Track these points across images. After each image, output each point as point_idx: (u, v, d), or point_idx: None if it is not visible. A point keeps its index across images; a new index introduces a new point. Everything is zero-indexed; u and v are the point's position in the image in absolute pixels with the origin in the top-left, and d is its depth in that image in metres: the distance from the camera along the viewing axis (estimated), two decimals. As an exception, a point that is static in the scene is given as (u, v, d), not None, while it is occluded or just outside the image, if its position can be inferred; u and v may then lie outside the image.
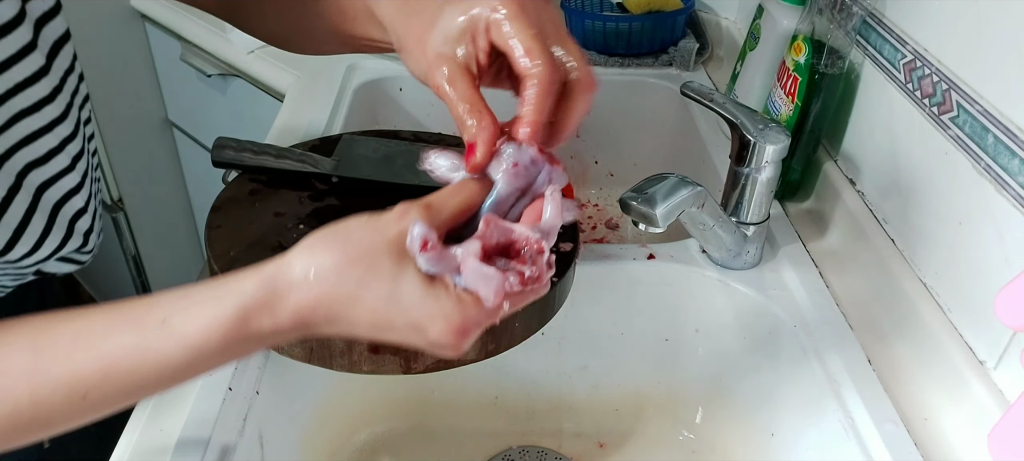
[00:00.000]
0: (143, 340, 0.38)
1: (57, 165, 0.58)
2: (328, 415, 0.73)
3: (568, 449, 0.78)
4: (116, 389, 0.38)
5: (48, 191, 0.58)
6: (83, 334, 0.39)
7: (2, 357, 0.38)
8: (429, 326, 0.37)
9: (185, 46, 1.27)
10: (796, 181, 0.80)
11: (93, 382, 0.38)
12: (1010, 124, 0.54)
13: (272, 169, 0.69)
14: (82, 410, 0.39)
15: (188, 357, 0.38)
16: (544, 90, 0.41)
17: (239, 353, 0.39)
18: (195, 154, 1.48)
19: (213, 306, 0.38)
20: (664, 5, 1.06)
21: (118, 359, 0.38)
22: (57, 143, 0.57)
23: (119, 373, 0.38)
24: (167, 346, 0.38)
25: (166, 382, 0.39)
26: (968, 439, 0.56)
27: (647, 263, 0.72)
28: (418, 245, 0.37)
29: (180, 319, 0.38)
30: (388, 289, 0.37)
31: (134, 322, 0.38)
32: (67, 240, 0.61)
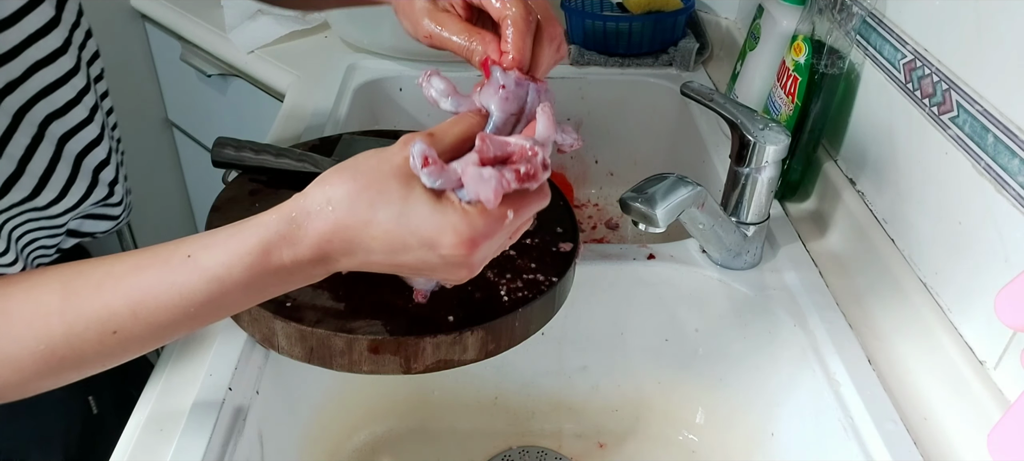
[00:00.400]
0: (169, 275, 0.39)
1: (76, 116, 0.59)
2: (328, 415, 0.73)
3: (568, 449, 0.78)
4: (144, 325, 0.40)
5: (70, 142, 0.59)
6: (112, 274, 0.40)
7: (35, 297, 0.40)
8: (440, 239, 0.38)
9: (185, 46, 1.27)
10: (796, 181, 0.80)
11: (123, 318, 0.40)
12: (1010, 124, 0.54)
13: (272, 169, 0.69)
14: (113, 347, 0.40)
15: (212, 290, 0.39)
16: (520, 29, 0.44)
17: (262, 289, 0.40)
18: (195, 154, 1.48)
19: (236, 241, 0.39)
20: (664, 5, 1.06)
21: (145, 294, 0.39)
22: (74, 94, 0.58)
23: (147, 309, 0.40)
24: (192, 279, 0.39)
25: (192, 317, 0.40)
26: (968, 439, 0.56)
27: (647, 263, 0.72)
28: (420, 162, 0.38)
29: (205, 254, 0.39)
30: (398, 209, 0.38)
31: (161, 260, 0.40)
32: (92, 189, 0.62)
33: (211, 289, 0.39)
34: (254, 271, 0.39)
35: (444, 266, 0.40)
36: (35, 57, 0.54)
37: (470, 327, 0.55)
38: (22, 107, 0.54)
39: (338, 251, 0.40)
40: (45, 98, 0.56)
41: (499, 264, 0.61)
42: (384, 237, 0.39)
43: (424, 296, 0.57)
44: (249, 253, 0.39)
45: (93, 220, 0.67)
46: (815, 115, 0.75)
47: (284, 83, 1.04)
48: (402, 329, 0.54)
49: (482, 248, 0.40)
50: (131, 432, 0.56)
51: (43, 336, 0.40)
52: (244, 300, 0.41)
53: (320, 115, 0.94)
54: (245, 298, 0.41)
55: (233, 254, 0.39)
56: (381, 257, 0.40)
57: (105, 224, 0.68)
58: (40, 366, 0.40)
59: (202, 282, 0.39)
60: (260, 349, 0.61)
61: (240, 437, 0.56)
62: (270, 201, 0.65)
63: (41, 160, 0.56)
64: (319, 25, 1.15)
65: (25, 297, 0.41)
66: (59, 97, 0.57)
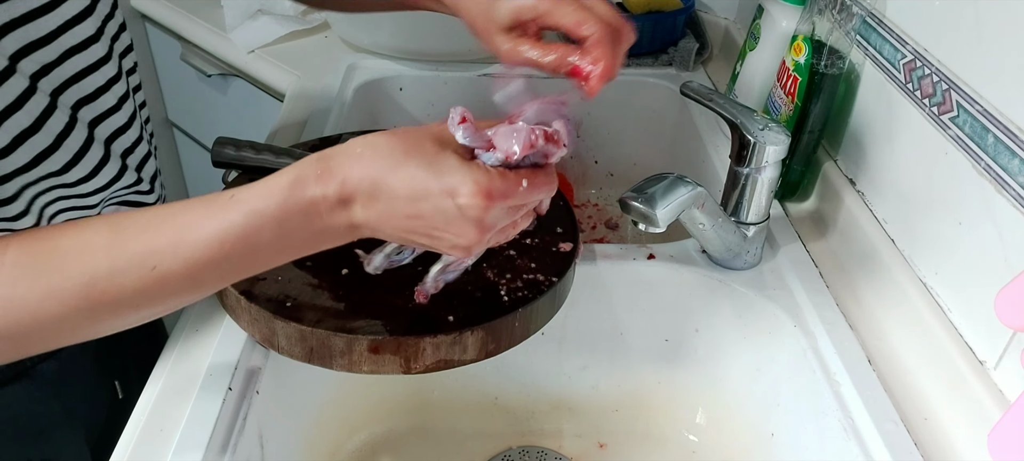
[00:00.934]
0: (211, 210, 0.43)
1: (106, 102, 0.62)
2: (328, 415, 0.73)
3: (568, 449, 0.78)
4: (182, 262, 0.42)
5: (100, 126, 0.62)
6: (159, 215, 0.43)
7: (84, 235, 0.43)
8: (460, 188, 0.42)
9: (185, 46, 1.27)
10: (796, 181, 0.80)
11: (164, 254, 0.42)
12: (1010, 124, 0.54)
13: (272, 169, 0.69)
14: (151, 285, 0.43)
15: (248, 223, 0.42)
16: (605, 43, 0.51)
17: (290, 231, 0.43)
18: (195, 154, 1.48)
19: (274, 178, 0.43)
20: (664, 5, 1.06)
21: (186, 230, 0.42)
22: (104, 82, 0.61)
23: (187, 244, 0.42)
24: (231, 214, 0.42)
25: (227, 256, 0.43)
26: (968, 439, 0.56)
27: (647, 263, 0.72)
28: (458, 118, 0.43)
29: (245, 192, 0.43)
30: (428, 160, 0.42)
31: (207, 200, 0.43)
32: (122, 173, 0.64)
33: (247, 222, 0.42)
34: (286, 205, 0.42)
35: (459, 218, 0.43)
36: (69, 43, 0.57)
37: (470, 327, 0.55)
38: (57, 89, 0.57)
39: (364, 193, 0.43)
40: (77, 83, 0.59)
41: (499, 264, 0.61)
42: (409, 181, 0.42)
43: (424, 296, 0.57)
44: (282, 188, 0.42)
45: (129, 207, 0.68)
46: (815, 115, 0.75)
47: (284, 83, 1.04)
48: (402, 329, 0.54)
49: (495, 208, 0.43)
50: (132, 431, 0.56)
51: (88, 269, 0.42)
52: (275, 243, 0.43)
53: (320, 115, 0.94)
54: (276, 240, 0.43)
55: (269, 188, 0.43)
56: (402, 204, 0.43)
57: None
58: (81, 301, 0.42)
59: (239, 215, 0.42)
60: (260, 349, 0.62)
61: (240, 437, 0.56)
62: (270, 201, 0.66)
63: (75, 141, 0.59)
64: (319, 25, 1.15)
65: (75, 235, 0.43)
66: (89, 83, 0.60)
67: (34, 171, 0.56)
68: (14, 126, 0.53)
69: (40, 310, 0.43)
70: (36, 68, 0.55)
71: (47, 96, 0.56)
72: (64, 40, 0.57)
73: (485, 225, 0.44)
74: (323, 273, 0.58)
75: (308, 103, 0.97)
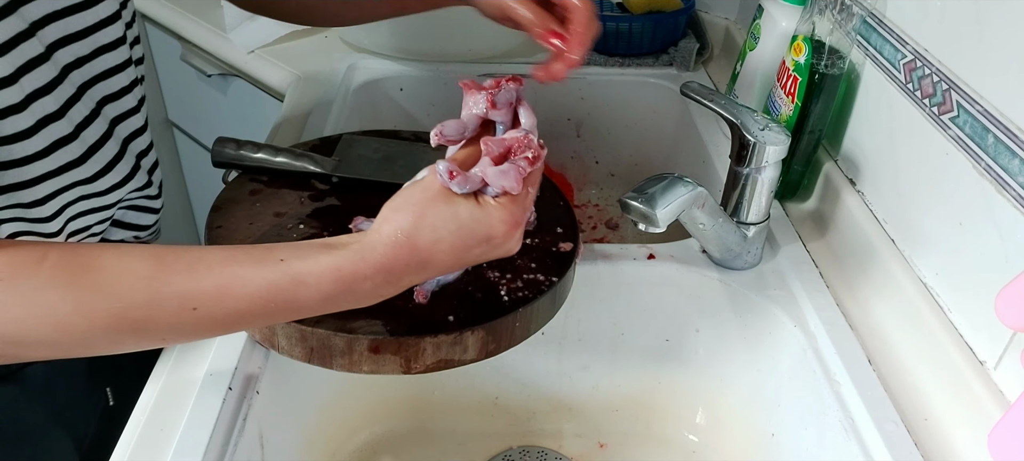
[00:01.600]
0: (261, 270, 0.44)
1: (127, 103, 0.64)
2: (328, 415, 0.73)
3: (568, 449, 0.78)
4: (224, 310, 0.44)
5: (120, 125, 0.64)
6: (204, 260, 0.44)
7: (126, 261, 0.43)
8: (493, 232, 0.47)
9: (185, 46, 1.27)
10: (796, 181, 0.80)
11: (207, 298, 0.43)
12: (1010, 124, 0.54)
13: (272, 169, 0.69)
14: (187, 323, 0.44)
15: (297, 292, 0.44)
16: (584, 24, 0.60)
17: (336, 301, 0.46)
18: (195, 154, 1.48)
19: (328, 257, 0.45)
20: (664, 5, 1.06)
21: (235, 281, 0.44)
22: (128, 83, 0.64)
23: (233, 296, 0.44)
24: (282, 280, 0.44)
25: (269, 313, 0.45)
26: (968, 439, 0.56)
27: (647, 263, 0.72)
28: (447, 176, 0.47)
29: (298, 262, 0.45)
30: (454, 224, 0.46)
31: (254, 259, 0.45)
32: (135, 173, 0.66)
33: (296, 292, 0.44)
34: (338, 286, 0.45)
35: (501, 250, 0.49)
36: (102, 41, 0.60)
37: (470, 327, 0.55)
38: (85, 83, 0.59)
39: (414, 268, 0.47)
40: (104, 80, 0.61)
41: (499, 264, 0.61)
42: (450, 250, 0.47)
43: (424, 296, 0.57)
44: (337, 271, 0.45)
45: (136, 212, 0.70)
46: (815, 115, 0.75)
47: (284, 83, 1.04)
48: (402, 329, 0.54)
49: (522, 226, 0.49)
50: (131, 432, 0.56)
51: (125, 295, 0.42)
52: (317, 307, 0.46)
53: (320, 115, 0.94)
54: (319, 306, 0.46)
55: (325, 266, 0.45)
56: (448, 261, 0.47)
57: (148, 217, 0.71)
58: (110, 323, 0.43)
59: (290, 283, 0.44)
60: (260, 349, 0.62)
61: (240, 437, 0.56)
62: (270, 201, 0.66)
63: (93, 134, 0.61)
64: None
65: (117, 257, 0.44)
66: (115, 82, 0.62)
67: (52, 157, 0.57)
68: (40, 109, 0.55)
69: (65, 322, 0.42)
70: (70, 60, 0.57)
71: (75, 87, 0.58)
72: (98, 37, 0.59)
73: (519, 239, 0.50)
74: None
75: (308, 103, 0.97)
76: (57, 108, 0.57)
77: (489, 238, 0.47)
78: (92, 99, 0.61)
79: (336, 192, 0.68)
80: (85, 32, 0.58)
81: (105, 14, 0.60)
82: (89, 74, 0.60)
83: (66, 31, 0.57)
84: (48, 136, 0.57)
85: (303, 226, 0.63)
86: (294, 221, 0.63)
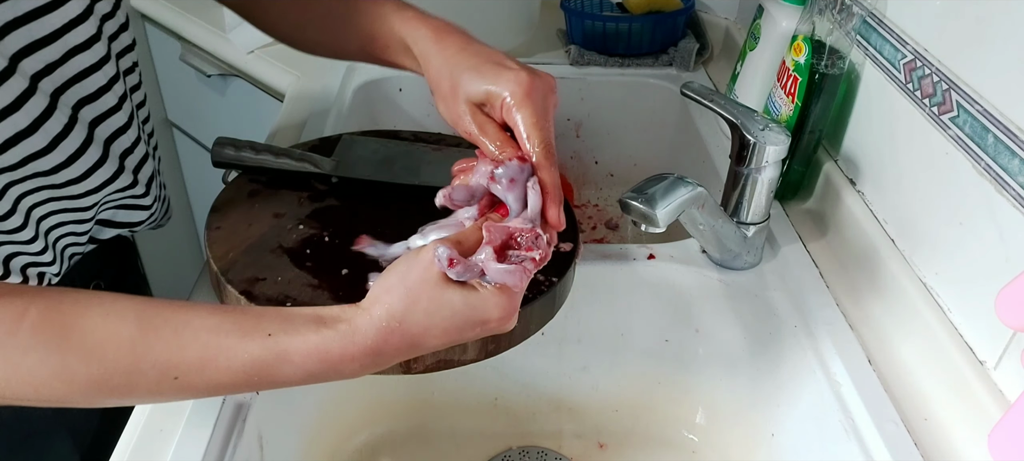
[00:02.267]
0: (246, 345, 0.43)
1: (107, 102, 0.62)
2: (328, 416, 0.73)
3: (568, 450, 0.78)
4: (205, 381, 0.43)
5: (100, 126, 0.62)
6: (190, 325, 0.43)
7: (111, 324, 0.43)
8: (487, 317, 0.46)
9: (185, 46, 1.27)
10: (796, 181, 0.80)
11: (189, 368, 0.43)
12: (1010, 124, 0.54)
13: (272, 169, 0.69)
14: (166, 390, 0.43)
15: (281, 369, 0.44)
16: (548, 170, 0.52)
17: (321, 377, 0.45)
18: (195, 154, 1.48)
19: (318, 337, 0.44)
20: (664, 5, 1.06)
21: (218, 354, 0.43)
22: (106, 81, 0.61)
23: (216, 367, 0.43)
24: (266, 356, 0.44)
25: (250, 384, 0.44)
26: (968, 439, 0.56)
27: (647, 263, 0.72)
28: (446, 264, 0.45)
29: (285, 339, 0.44)
30: (449, 310, 0.45)
31: (241, 331, 0.44)
32: (119, 175, 0.64)
33: (280, 368, 0.44)
34: (323, 366, 0.45)
35: (495, 332, 0.47)
36: (73, 42, 0.57)
37: (470, 327, 0.55)
38: (58, 88, 0.57)
39: (402, 353, 0.46)
40: (79, 83, 0.59)
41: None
42: (443, 334, 0.46)
43: None
44: (325, 350, 0.44)
45: (125, 210, 0.68)
46: (815, 115, 0.75)
47: (284, 83, 1.04)
48: (402, 329, 0.54)
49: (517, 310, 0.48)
50: (131, 432, 0.56)
51: (108, 361, 0.42)
52: (299, 383, 0.45)
53: (320, 115, 0.94)
54: (301, 382, 0.45)
55: (312, 347, 0.44)
56: (439, 347, 0.47)
57: (138, 214, 0.69)
58: (90, 387, 0.42)
59: (275, 359, 0.44)
60: (260, 349, 0.61)
61: (240, 437, 0.56)
62: (270, 201, 0.66)
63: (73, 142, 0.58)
64: (319, 25, 1.15)
65: (102, 321, 0.43)
66: (91, 83, 0.60)
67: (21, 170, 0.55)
68: (9, 127, 0.53)
69: (44, 386, 0.42)
70: (39, 67, 0.55)
71: (47, 96, 0.56)
72: (68, 39, 0.56)
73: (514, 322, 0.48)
74: (323, 274, 0.58)
75: (308, 103, 0.97)
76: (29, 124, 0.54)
77: (484, 323, 0.46)
78: (68, 105, 0.58)
79: (335, 193, 0.68)
80: (53, 36, 0.55)
81: (74, 13, 0.56)
82: (62, 78, 0.57)
83: (31, 38, 0.53)
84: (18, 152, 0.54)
85: (302, 226, 0.63)
86: (293, 221, 0.63)
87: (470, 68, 0.54)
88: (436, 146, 0.74)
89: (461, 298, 0.45)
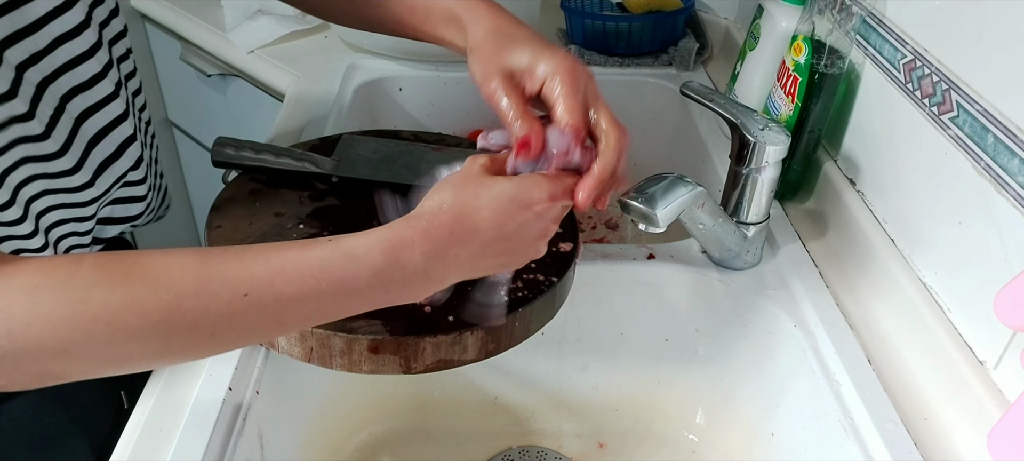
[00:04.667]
0: (311, 249, 0.44)
1: (102, 90, 0.61)
2: (328, 415, 0.73)
3: (568, 449, 0.78)
4: (275, 295, 0.43)
5: (95, 115, 0.61)
6: (252, 248, 0.44)
7: (169, 257, 0.42)
8: (531, 197, 0.47)
9: (185, 46, 1.27)
10: (796, 181, 0.80)
11: (257, 282, 0.42)
12: (1010, 124, 0.54)
13: (272, 169, 0.69)
14: (237, 311, 0.42)
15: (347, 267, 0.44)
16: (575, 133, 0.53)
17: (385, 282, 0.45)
18: (195, 154, 1.48)
19: (375, 232, 0.45)
20: (664, 5, 1.06)
21: (286, 263, 0.43)
22: (100, 68, 0.60)
23: (284, 276, 0.43)
24: (332, 255, 0.44)
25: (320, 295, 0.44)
26: (968, 439, 0.56)
27: (647, 263, 0.72)
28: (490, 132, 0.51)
29: (346, 239, 0.45)
30: (496, 190, 0.47)
31: (302, 243, 0.45)
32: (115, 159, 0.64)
33: (346, 266, 0.44)
34: (388, 257, 0.45)
35: (536, 221, 0.48)
36: (59, 30, 0.56)
37: (470, 327, 0.55)
38: (45, 79, 0.56)
39: (459, 237, 0.46)
40: (70, 71, 0.58)
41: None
42: (492, 215, 0.47)
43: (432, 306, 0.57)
44: (386, 241, 0.45)
45: (123, 204, 0.68)
46: (815, 115, 0.75)
47: (284, 83, 1.04)
48: (402, 329, 0.54)
49: (556, 205, 0.49)
50: (131, 432, 0.56)
51: (175, 286, 0.41)
52: (367, 290, 0.45)
53: (320, 115, 0.94)
54: (368, 288, 0.45)
55: (373, 239, 0.45)
56: (492, 232, 0.47)
57: (136, 207, 0.69)
58: (163, 316, 0.41)
59: (340, 257, 0.44)
60: (260, 349, 0.62)
61: (240, 437, 0.56)
62: (270, 201, 0.66)
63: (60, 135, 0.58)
64: (319, 25, 1.15)
65: (161, 256, 0.42)
66: (85, 70, 0.59)
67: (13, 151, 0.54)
68: None
69: (117, 319, 0.40)
70: (24, 57, 0.54)
71: (33, 86, 0.55)
72: (54, 27, 0.55)
73: (555, 218, 0.50)
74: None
75: (308, 103, 0.97)
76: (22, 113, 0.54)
77: (528, 203, 0.47)
78: (56, 96, 0.57)
79: (336, 192, 0.68)
80: (37, 25, 0.54)
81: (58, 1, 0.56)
82: (49, 68, 0.56)
83: (13, 27, 0.52)
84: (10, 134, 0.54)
85: (303, 226, 0.63)
86: (294, 221, 0.63)
87: (519, 39, 0.55)
88: (436, 146, 0.74)
89: (507, 181, 0.48)
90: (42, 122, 0.56)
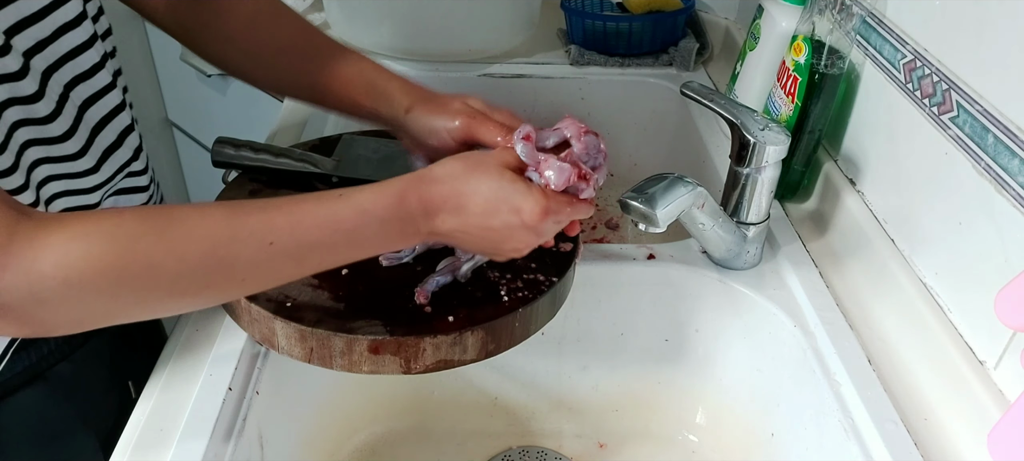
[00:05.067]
0: (324, 203, 0.50)
1: (101, 80, 0.63)
2: (328, 415, 0.73)
3: (568, 449, 0.78)
4: (297, 242, 0.48)
5: (95, 105, 0.63)
6: (272, 203, 0.49)
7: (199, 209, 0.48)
8: (523, 206, 0.51)
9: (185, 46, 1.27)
10: (796, 181, 0.80)
11: (282, 232, 0.48)
12: (1010, 124, 0.54)
13: (272, 169, 0.69)
14: (264, 258, 0.48)
15: (357, 218, 0.50)
16: None
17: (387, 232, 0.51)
18: (195, 154, 1.48)
19: (380, 186, 0.51)
20: (664, 5, 1.06)
21: (304, 215, 0.49)
22: (99, 58, 0.62)
23: (303, 226, 0.49)
24: (344, 209, 0.50)
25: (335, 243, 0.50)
26: (968, 439, 0.56)
27: (647, 263, 0.72)
28: (523, 135, 0.53)
29: (355, 195, 0.50)
30: (496, 185, 0.51)
31: (316, 196, 0.50)
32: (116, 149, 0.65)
33: (357, 218, 0.50)
34: (391, 210, 0.50)
35: (520, 229, 0.52)
36: (61, 20, 0.58)
37: (470, 327, 0.55)
38: (49, 67, 0.58)
39: (450, 207, 0.51)
40: (71, 61, 0.60)
41: (499, 264, 0.61)
42: (484, 203, 0.51)
43: (425, 296, 0.57)
44: (391, 195, 0.50)
45: (126, 195, 0.68)
46: (815, 115, 0.75)
47: (284, 83, 1.04)
48: (402, 329, 0.54)
49: (549, 221, 0.52)
50: (131, 432, 0.56)
51: (209, 235, 0.46)
52: (374, 239, 0.51)
53: (320, 115, 0.94)
54: (375, 237, 0.51)
55: (379, 193, 0.50)
56: (477, 219, 0.51)
57: (139, 197, 0.70)
58: (201, 262, 0.46)
59: (351, 211, 0.50)
60: (260, 349, 0.62)
61: (240, 437, 0.56)
62: (270, 201, 0.65)
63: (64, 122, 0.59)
64: (318, 25, 1.15)
65: (192, 209, 0.48)
66: (84, 60, 0.61)
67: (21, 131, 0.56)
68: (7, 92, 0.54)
69: (161, 265, 0.45)
70: (31, 44, 0.56)
71: (40, 73, 0.57)
72: (56, 17, 0.58)
73: (540, 234, 0.53)
74: (323, 273, 0.58)
75: (308, 103, 0.97)
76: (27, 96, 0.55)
77: (518, 210, 0.51)
78: (60, 83, 0.59)
79: (336, 192, 0.68)
80: (41, 14, 0.56)
81: None
82: (52, 57, 0.58)
83: (20, 15, 0.55)
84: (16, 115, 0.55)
85: (303, 226, 0.63)
86: (294, 221, 0.63)
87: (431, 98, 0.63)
88: None
89: (508, 178, 0.51)
90: (49, 105, 0.57)
